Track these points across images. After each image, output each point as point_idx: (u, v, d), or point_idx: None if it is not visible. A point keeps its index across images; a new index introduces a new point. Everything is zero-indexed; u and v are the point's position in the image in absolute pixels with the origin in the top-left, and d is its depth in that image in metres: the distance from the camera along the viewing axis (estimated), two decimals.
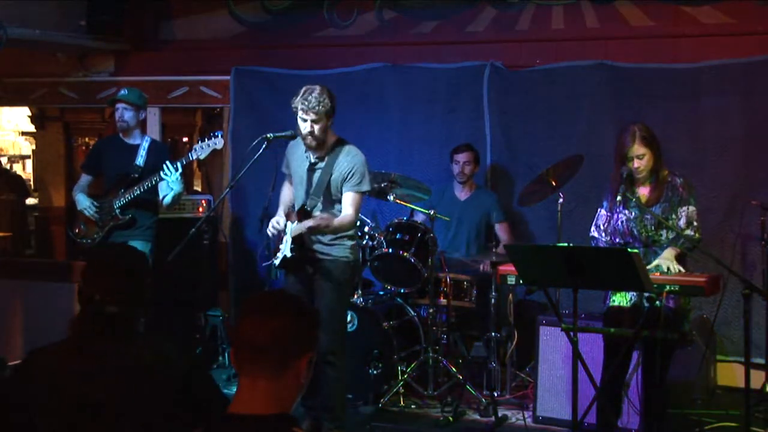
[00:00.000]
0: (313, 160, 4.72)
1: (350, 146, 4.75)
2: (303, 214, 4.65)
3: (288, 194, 4.98)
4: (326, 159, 4.69)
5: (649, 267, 4.15)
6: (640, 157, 4.29)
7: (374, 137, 6.70)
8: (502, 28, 6.53)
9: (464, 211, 6.12)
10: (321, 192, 4.67)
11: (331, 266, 4.70)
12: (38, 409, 2.36)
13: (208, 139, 5.38)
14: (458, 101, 6.57)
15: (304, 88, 4.62)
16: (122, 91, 5.71)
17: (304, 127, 4.60)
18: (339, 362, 4.74)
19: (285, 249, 4.69)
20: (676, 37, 6.14)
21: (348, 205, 4.65)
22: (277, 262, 4.79)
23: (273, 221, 4.78)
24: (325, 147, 4.70)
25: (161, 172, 5.42)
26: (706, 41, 6.05)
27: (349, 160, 4.67)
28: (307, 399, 4.75)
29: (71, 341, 2.46)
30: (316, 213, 4.63)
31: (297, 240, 4.66)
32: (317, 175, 4.70)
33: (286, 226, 4.73)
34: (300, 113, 4.59)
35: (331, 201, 4.71)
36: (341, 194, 4.69)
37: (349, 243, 4.77)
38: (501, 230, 6.17)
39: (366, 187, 4.73)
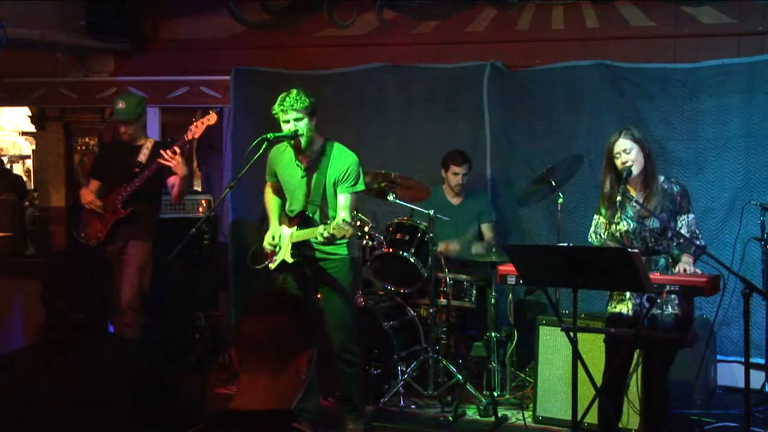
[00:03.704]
0: (304, 166, 4.74)
1: (339, 146, 4.77)
2: (304, 219, 4.67)
3: (274, 201, 4.99)
4: (319, 162, 4.71)
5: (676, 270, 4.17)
6: (627, 152, 4.24)
7: (374, 137, 6.71)
8: (502, 28, 6.53)
9: (459, 215, 6.11)
10: (319, 197, 4.70)
11: (336, 266, 4.76)
12: (9, 412, 2.35)
13: (201, 117, 5.44)
14: (458, 101, 6.57)
15: (280, 96, 4.68)
16: (119, 105, 5.69)
17: (288, 128, 4.63)
18: (354, 359, 4.86)
19: (284, 254, 4.73)
20: (676, 37, 6.14)
21: (343, 207, 4.67)
22: (273, 266, 4.81)
23: (268, 237, 4.84)
24: (312, 149, 4.71)
25: (162, 161, 5.44)
26: (706, 41, 6.06)
27: (342, 161, 4.70)
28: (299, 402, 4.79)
29: (38, 346, 2.45)
30: (316, 218, 4.67)
31: (296, 245, 4.69)
32: (312, 179, 4.71)
33: (281, 235, 4.78)
34: (281, 116, 4.65)
35: (329, 204, 4.74)
36: (336, 196, 4.71)
37: (348, 240, 4.79)
38: (486, 229, 6.18)
39: (360, 187, 4.77)
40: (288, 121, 4.63)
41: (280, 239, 4.80)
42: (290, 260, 4.72)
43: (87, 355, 2.41)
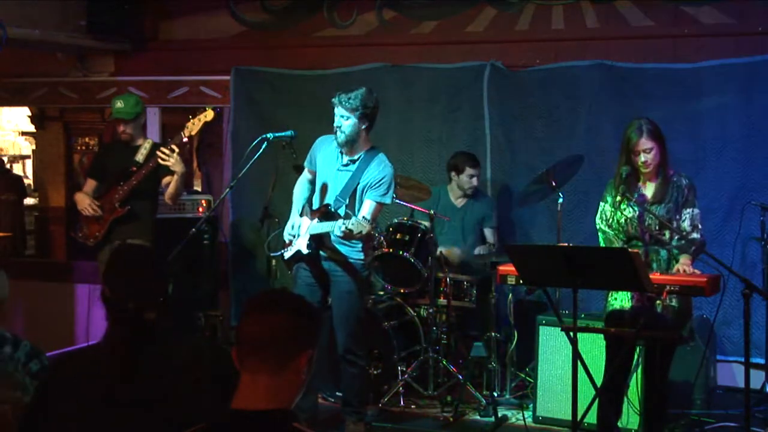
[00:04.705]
0: (344, 162, 4.75)
1: (383, 155, 4.79)
2: (327, 213, 4.68)
3: (304, 192, 5.00)
4: (357, 163, 4.72)
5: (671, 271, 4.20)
6: (647, 152, 4.28)
7: (374, 137, 6.68)
8: (502, 28, 6.53)
9: (461, 217, 6.11)
10: (348, 195, 4.71)
11: (349, 268, 4.76)
12: (72, 413, 2.35)
13: (198, 114, 5.45)
14: (458, 101, 6.57)
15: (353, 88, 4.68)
16: (117, 104, 5.71)
17: (335, 121, 4.65)
18: (358, 360, 4.88)
19: (300, 245, 4.74)
20: (676, 37, 6.14)
21: (366, 213, 4.65)
22: (287, 255, 4.83)
23: (288, 227, 4.86)
24: (357, 149, 4.72)
25: (160, 160, 5.45)
26: (706, 41, 6.05)
27: (380, 169, 4.71)
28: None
29: (105, 346, 2.44)
30: (341, 213, 4.67)
31: (315, 238, 4.69)
32: (346, 177, 4.73)
33: (301, 221, 4.80)
34: (334, 108, 4.64)
35: (355, 205, 4.74)
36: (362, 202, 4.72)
37: (365, 246, 4.82)
38: (489, 234, 6.18)
39: (388, 200, 4.77)
40: (336, 115, 4.65)
41: (299, 229, 4.81)
42: (305, 251, 4.74)
43: (161, 352, 2.41)
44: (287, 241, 4.88)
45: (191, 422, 2.11)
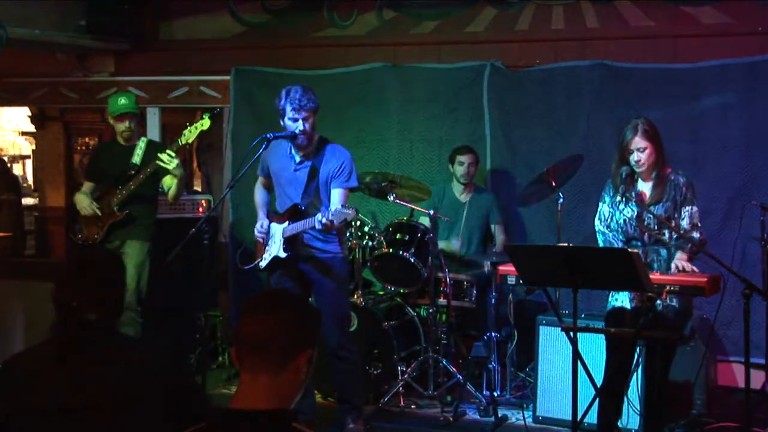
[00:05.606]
0: (299, 159, 4.75)
1: (335, 144, 4.81)
2: (296, 212, 4.67)
3: (263, 196, 5.04)
4: (314, 158, 4.73)
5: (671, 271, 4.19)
6: (641, 150, 4.29)
7: (374, 137, 6.71)
8: (502, 28, 6.53)
9: (467, 211, 6.11)
10: (313, 190, 4.71)
11: (329, 263, 4.76)
12: (17, 414, 2.34)
13: (195, 122, 5.46)
14: (458, 101, 6.57)
15: (285, 90, 4.68)
16: (122, 100, 5.71)
17: (296, 126, 4.62)
18: (351, 356, 4.85)
19: (276, 250, 4.72)
20: (675, 37, 6.14)
21: (337, 202, 4.65)
22: (263, 263, 4.80)
23: (257, 226, 4.85)
24: (311, 145, 4.73)
25: (160, 163, 5.45)
26: (706, 41, 6.05)
27: (337, 157, 4.72)
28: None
29: (51, 346, 2.44)
30: (310, 211, 4.66)
31: (289, 239, 4.67)
32: (306, 173, 4.73)
33: (270, 227, 4.77)
34: (290, 113, 4.62)
35: (321, 198, 4.74)
36: (329, 191, 4.72)
37: (340, 238, 4.83)
38: (498, 230, 6.18)
39: (354, 183, 4.79)
40: (297, 119, 4.62)
41: (272, 234, 4.79)
42: (282, 255, 4.71)
43: (97, 354, 2.40)
44: (259, 244, 4.86)
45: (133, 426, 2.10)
